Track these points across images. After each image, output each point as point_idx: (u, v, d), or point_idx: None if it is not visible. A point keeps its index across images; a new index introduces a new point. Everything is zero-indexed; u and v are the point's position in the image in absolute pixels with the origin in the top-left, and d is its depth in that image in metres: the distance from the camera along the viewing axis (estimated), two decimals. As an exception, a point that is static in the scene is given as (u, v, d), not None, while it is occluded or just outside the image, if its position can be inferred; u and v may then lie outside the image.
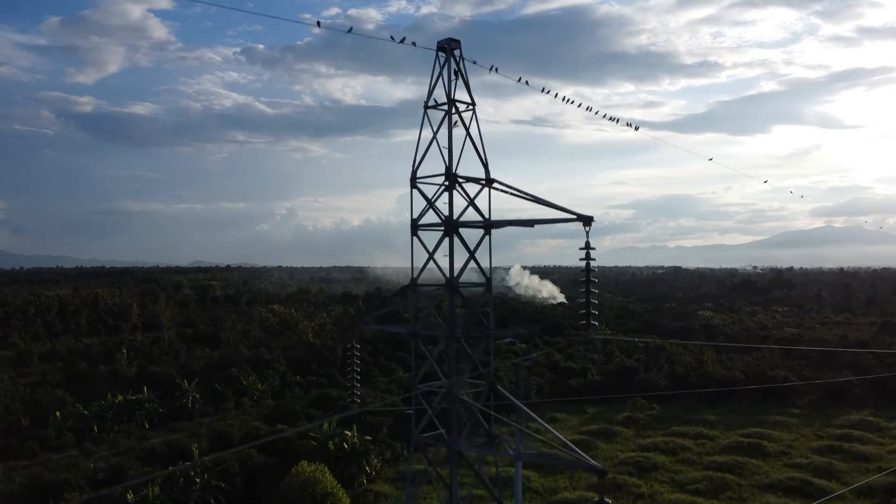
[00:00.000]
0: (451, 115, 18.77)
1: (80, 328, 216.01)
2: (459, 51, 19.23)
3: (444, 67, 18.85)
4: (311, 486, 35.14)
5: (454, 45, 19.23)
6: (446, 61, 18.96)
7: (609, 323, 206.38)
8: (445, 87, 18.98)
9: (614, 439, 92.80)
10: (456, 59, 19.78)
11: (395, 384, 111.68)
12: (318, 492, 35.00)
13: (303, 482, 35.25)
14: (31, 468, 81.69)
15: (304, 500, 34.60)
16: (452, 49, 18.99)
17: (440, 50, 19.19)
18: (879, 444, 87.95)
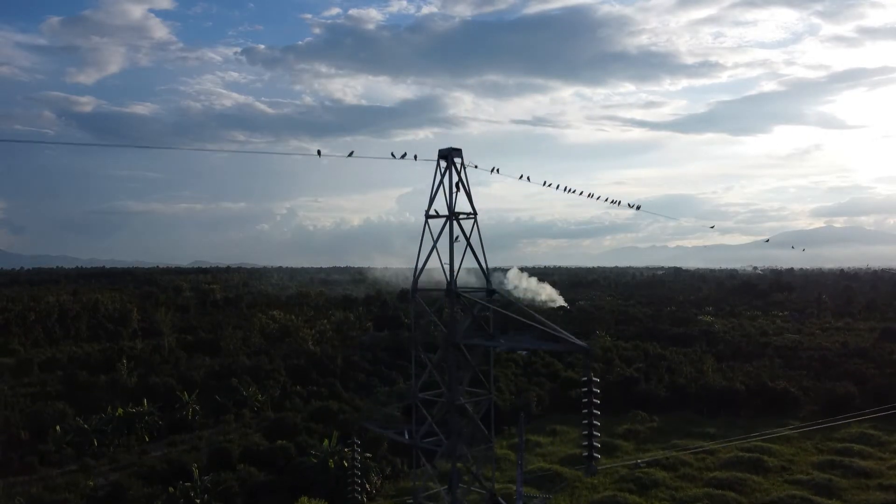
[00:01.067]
0: (451, 230, 18.77)
1: (81, 334, 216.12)
2: (461, 159, 19.26)
3: (445, 175, 18.87)
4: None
5: (455, 153, 19.29)
6: (447, 169, 18.98)
7: (609, 329, 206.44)
8: (446, 197, 19.03)
9: (614, 453, 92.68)
10: (457, 167, 19.80)
11: (395, 396, 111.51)
12: (319, 529, 35.07)
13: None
14: (31, 485, 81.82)
15: (305, 538, 34.70)
16: (454, 157, 19.04)
17: (442, 158, 19.26)
18: (880, 459, 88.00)
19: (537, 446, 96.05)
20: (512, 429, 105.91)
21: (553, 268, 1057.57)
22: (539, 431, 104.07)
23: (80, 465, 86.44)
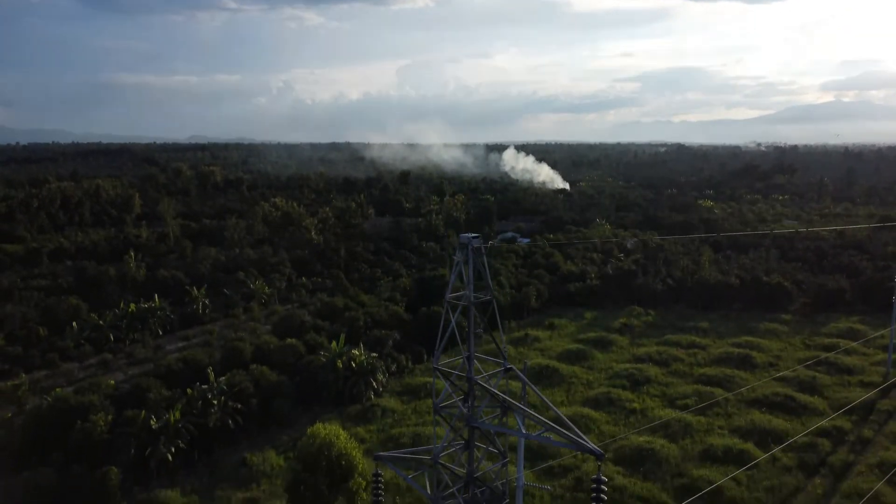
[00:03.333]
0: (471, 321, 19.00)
1: (85, 220, 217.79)
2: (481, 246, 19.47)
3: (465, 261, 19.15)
4: (326, 448, 37.75)
5: (475, 241, 19.49)
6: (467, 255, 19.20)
7: (609, 217, 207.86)
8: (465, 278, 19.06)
9: (610, 348, 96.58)
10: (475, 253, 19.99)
11: (398, 291, 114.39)
12: (334, 453, 37.64)
13: (319, 445, 37.88)
14: (54, 379, 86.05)
15: (321, 461, 37.34)
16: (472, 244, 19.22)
17: (461, 247, 19.59)
18: (864, 356, 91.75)
19: (536, 341, 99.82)
20: (513, 323, 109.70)
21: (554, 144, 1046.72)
22: (538, 326, 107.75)
23: (99, 361, 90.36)
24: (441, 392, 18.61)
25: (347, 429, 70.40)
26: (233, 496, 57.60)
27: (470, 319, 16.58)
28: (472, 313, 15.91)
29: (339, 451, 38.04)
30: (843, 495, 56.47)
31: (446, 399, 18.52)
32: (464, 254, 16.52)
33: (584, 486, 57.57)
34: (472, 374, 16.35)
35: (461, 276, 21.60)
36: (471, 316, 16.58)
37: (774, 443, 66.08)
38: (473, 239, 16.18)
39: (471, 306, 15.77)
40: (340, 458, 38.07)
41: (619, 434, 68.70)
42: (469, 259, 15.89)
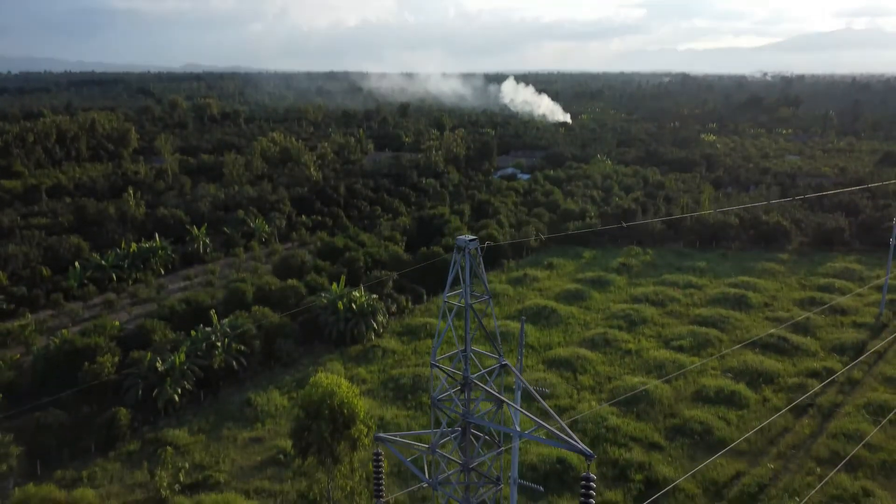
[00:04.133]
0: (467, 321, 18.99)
1: (81, 154, 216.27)
2: (477, 249, 19.41)
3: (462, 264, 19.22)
4: (329, 397, 38.84)
5: (471, 244, 19.41)
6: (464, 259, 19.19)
7: (610, 152, 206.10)
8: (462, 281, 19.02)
9: (607, 288, 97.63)
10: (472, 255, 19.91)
11: (398, 230, 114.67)
12: (336, 402, 38.75)
13: (321, 394, 38.96)
14: (59, 319, 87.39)
15: (323, 409, 38.47)
16: (469, 248, 19.17)
17: (458, 249, 19.52)
18: (858, 296, 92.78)
19: (535, 281, 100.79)
20: (511, 262, 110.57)
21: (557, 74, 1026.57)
22: (537, 265, 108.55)
23: (103, 301, 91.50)
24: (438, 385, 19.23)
25: (349, 369, 72.36)
26: (238, 435, 59.47)
27: (466, 321, 16.92)
28: (468, 315, 16.25)
29: (341, 400, 39.17)
30: (829, 435, 58.25)
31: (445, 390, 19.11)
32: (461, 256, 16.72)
33: (578, 426, 59.36)
34: (468, 374, 16.82)
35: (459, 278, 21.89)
36: (467, 317, 16.91)
37: (766, 384, 67.93)
38: (470, 242, 16.41)
39: (467, 308, 16.10)
40: (342, 406, 39.24)
41: (614, 374, 70.39)
42: (466, 261, 16.12)
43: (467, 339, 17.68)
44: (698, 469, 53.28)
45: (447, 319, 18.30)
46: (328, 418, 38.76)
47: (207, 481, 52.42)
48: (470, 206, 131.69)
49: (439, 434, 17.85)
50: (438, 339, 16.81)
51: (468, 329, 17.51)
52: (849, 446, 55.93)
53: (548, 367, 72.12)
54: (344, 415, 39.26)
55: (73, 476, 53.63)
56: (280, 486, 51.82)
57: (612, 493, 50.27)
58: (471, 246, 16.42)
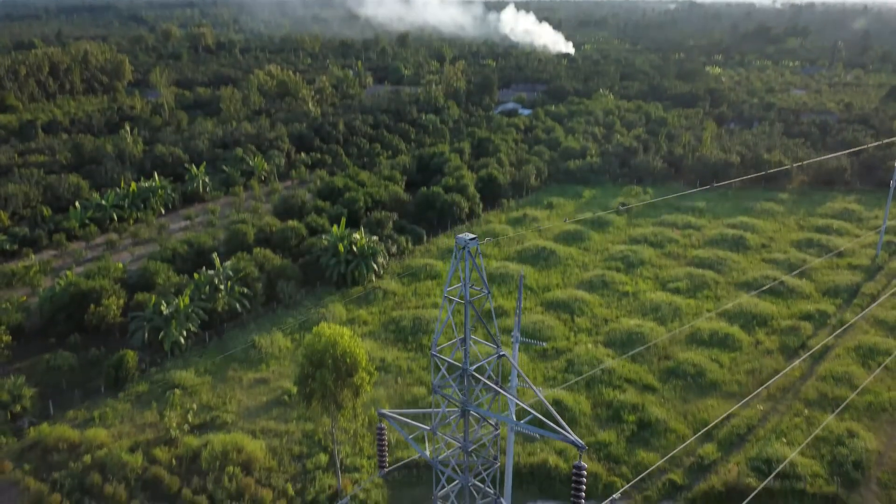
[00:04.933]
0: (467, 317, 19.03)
1: (75, 87, 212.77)
2: (476, 247, 19.32)
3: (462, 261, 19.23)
4: (332, 347, 39.84)
5: (471, 243, 19.28)
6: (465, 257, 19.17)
7: (613, 86, 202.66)
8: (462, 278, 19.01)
9: (606, 229, 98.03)
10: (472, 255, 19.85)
11: (398, 169, 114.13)
12: (339, 352, 39.77)
13: (324, 344, 39.93)
14: (62, 259, 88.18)
15: (327, 359, 39.52)
16: (469, 247, 19.11)
17: (459, 248, 19.41)
18: (855, 237, 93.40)
19: (534, 221, 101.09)
20: (511, 202, 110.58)
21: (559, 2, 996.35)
22: (537, 205, 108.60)
23: (105, 241, 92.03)
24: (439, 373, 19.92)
25: (350, 311, 73.57)
26: (244, 376, 61.08)
27: (465, 315, 17.31)
28: (468, 311, 16.61)
29: (344, 350, 40.14)
30: (819, 377, 59.83)
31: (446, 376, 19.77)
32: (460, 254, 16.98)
33: (574, 368, 60.91)
34: (467, 366, 17.36)
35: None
36: (466, 313, 17.30)
37: (759, 326, 69.26)
38: (470, 241, 16.65)
39: (466, 304, 16.45)
40: (345, 355, 40.24)
41: (611, 317, 71.64)
42: (466, 260, 16.41)
43: (466, 332, 18.21)
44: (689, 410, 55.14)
45: (447, 312, 18.83)
46: (331, 367, 39.85)
47: (215, 421, 54.23)
48: (470, 143, 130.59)
49: (439, 417, 18.61)
50: (438, 332, 17.33)
51: (467, 324, 18.01)
52: (837, 389, 57.63)
53: (546, 310, 73.29)
54: (346, 363, 40.33)
55: (85, 416, 55.40)
56: (286, 426, 53.66)
57: (606, 434, 52.06)
58: (470, 245, 16.77)
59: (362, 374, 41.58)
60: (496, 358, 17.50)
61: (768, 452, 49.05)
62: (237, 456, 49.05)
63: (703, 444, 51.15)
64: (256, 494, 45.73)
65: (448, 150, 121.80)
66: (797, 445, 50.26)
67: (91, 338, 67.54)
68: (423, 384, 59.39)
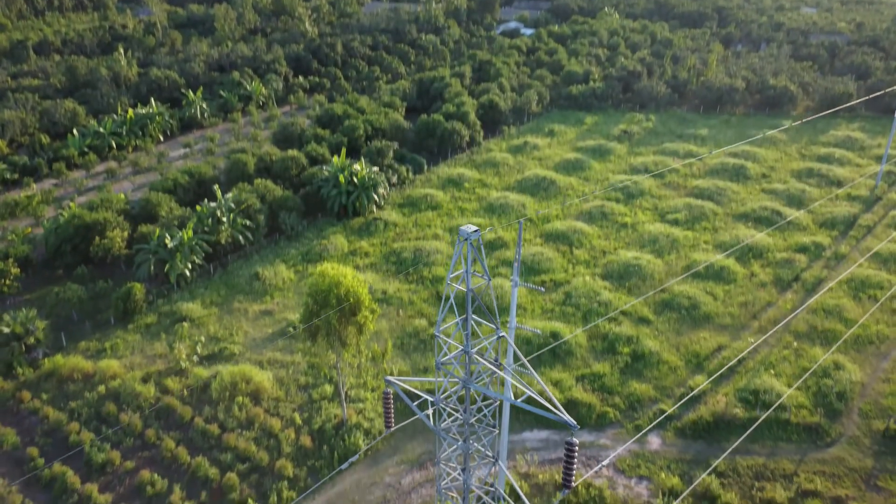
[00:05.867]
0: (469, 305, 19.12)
1: (64, 4, 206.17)
2: (478, 238, 19.31)
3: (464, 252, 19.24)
4: (335, 287, 40.78)
5: (473, 235, 19.25)
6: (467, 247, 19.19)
7: (618, 4, 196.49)
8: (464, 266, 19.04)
9: (608, 157, 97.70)
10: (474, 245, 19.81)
11: (398, 95, 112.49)
12: (342, 291, 40.76)
13: (328, 284, 40.86)
14: (63, 189, 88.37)
15: (331, 298, 40.58)
16: (471, 239, 19.12)
17: (462, 239, 19.41)
18: (856, 167, 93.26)
19: (535, 149, 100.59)
20: (512, 129, 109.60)
21: None
22: (537, 132, 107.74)
23: (105, 170, 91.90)
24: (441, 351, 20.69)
25: (352, 242, 74.49)
26: (249, 308, 62.63)
27: (468, 302, 17.83)
28: (470, 300, 17.12)
29: (347, 290, 41.18)
30: (810, 310, 61.34)
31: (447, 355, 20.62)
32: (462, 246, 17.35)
33: (572, 301, 62.35)
34: (469, 347, 18.06)
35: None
36: (468, 300, 17.81)
37: (755, 258, 70.32)
38: (472, 234, 17.00)
39: (468, 292, 16.94)
40: (348, 295, 41.31)
41: (609, 249, 72.60)
42: (468, 251, 16.80)
43: (468, 316, 18.92)
44: (681, 342, 56.90)
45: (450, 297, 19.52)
46: (335, 306, 41.01)
47: (223, 353, 56.08)
48: (471, 67, 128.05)
49: (442, 391, 19.60)
50: (442, 313, 18.05)
51: (469, 309, 18.68)
52: (827, 322, 59.22)
53: (545, 241, 74.17)
54: (350, 302, 41.46)
55: (97, 347, 57.21)
56: (291, 357, 55.54)
57: (601, 366, 53.92)
58: (472, 237, 17.26)
59: (365, 312, 42.81)
60: (496, 339, 18.34)
61: (756, 384, 50.99)
62: (245, 386, 51.09)
63: (694, 376, 53.11)
64: (266, 423, 47.94)
65: (448, 75, 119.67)
66: (785, 377, 52.25)
67: (97, 269, 68.79)
68: (424, 316, 60.98)
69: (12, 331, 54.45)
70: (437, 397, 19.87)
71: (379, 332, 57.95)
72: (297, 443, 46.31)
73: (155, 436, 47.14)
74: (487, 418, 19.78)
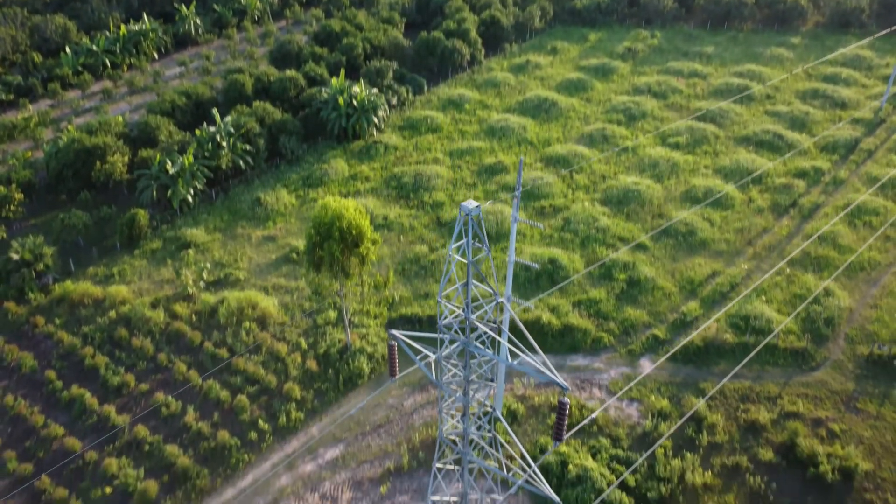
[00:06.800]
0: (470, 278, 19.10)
1: None
2: (479, 214, 19.22)
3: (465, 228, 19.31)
4: (338, 219, 41.37)
5: (474, 211, 19.16)
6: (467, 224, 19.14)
7: None
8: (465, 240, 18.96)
9: (610, 77, 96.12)
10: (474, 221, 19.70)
11: (397, 10, 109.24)
12: (345, 224, 41.38)
13: (331, 217, 41.47)
14: (60, 110, 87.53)
15: (333, 231, 41.26)
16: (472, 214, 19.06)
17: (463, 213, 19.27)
18: (862, 88, 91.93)
19: (537, 68, 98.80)
20: (514, 46, 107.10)
21: None
22: (540, 50, 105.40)
23: (101, 90, 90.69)
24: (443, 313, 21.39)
25: (352, 166, 74.59)
26: (252, 234, 63.56)
27: (468, 273, 18.26)
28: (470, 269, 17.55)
29: (349, 222, 41.89)
30: (805, 236, 62.26)
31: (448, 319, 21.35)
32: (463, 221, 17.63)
33: (570, 227, 63.19)
34: (469, 314, 18.68)
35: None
36: (469, 271, 18.24)
37: (754, 183, 70.63)
38: (473, 209, 17.29)
39: (469, 264, 17.35)
40: (351, 227, 42.08)
41: (609, 173, 72.74)
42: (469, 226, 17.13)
43: (469, 285, 19.58)
44: (677, 269, 58.14)
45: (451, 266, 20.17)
46: (338, 238, 41.86)
47: (228, 278, 57.44)
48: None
49: (444, 348, 20.57)
50: (443, 280, 18.73)
51: (470, 279, 19.31)
52: (821, 248, 60.25)
53: (545, 165, 74.25)
54: (352, 234, 42.29)
55: (105, 273, 58.52)
56: (295, 283, 56.94)
57: (597, 292, 55.33)
58: (473, 212, 17.68)
59: (367, 243, 43.72)
60: (495, 304, 19.17)
61: (747, 310, 52.55)
62: (252, 312, 52.73)
63: (688, 302, 54.63)
64: (272, 348, 49.81)
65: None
66: (776, 303, 53.78)
67: (100, 195, 69.32)
68: (425, 242, 61.97)
69: (21, 257, 55.58)
70: (439, 356, 20.98)
71: (381, 257, 59.08)
72: (303, 366, 48.30)
73: (167, 359, 49.10)
74: (487, 373, 20.97)
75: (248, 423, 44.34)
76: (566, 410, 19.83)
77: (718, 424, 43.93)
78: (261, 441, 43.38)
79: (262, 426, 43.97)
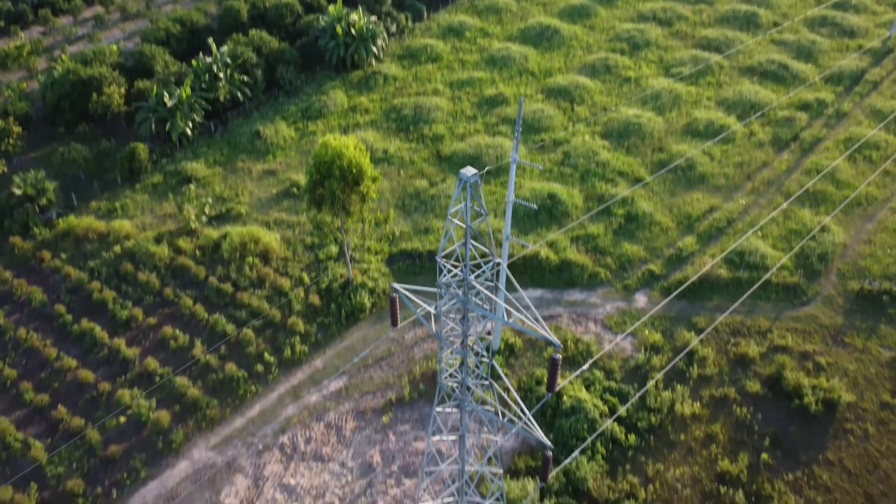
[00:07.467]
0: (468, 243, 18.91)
1: None
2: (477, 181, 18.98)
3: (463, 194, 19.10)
4: (338, 158, 41.45)
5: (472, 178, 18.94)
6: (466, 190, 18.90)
7: None
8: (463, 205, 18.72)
9: (615, 2, 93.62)
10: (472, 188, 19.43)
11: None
12: (345, 162, 41.49)
13: (331, 155, 41.52)
14: (52, 37, 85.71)
15: (334, 170, 41.42)
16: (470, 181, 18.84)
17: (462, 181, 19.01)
18: (872, 15, 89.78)
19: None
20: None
21: None
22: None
23: (93, 16, 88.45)
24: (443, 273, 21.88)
25: (351, 98, 73.80)
26: (253, 167, 63.60)
27: (466, 237, 18.46)
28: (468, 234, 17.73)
29: (349, 161, 42.07)
30: (804, 171, 62.40)
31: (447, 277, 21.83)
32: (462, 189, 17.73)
33: (570, 162, 63.20)
34: (468, 275, 19.04)
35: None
36: (467, 235, 18.44)
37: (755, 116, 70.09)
38: (472, 177, 17.38)
39: (468, 229, 17.51)
40: (351, 166, 42.29)
41: (610, 105, 72.04)
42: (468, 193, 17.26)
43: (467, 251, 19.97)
44: (675, 204, 58.56)
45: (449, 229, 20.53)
46: (338, 177, 42.15)
47: (230, 213, 57.95)
48: None
49: (444, 303, 21.21)
50: (442, 241, 19.12)
51: (468, 242, 19.66)
52: (819, 183, 60.48)
53: (546, 97, 73.45)
54: (353, 173, 42.57)
55: (108, 207, 58.94)
56: (297, 217, 57.49)
57: (595, 227, 55.97)
58: (471, 180, 17.88)
59: (368, 181, 44.06)
60: (493, 264, 19.70)
61: (742, 245, 53.36)
62: (255, 247, 53.52)
63: (684, 237, 55.36)
64: (276, 282, 50.86)
65: None
66: (771, 238, 54.53)
67: (98, 127, 68.88)
68: (425, 176, 62.12)
69: (24, 192, 55.92)
70: (438, 310, 21.80)
71: (381, 192, 59.42)
72: (306, 301, 49.47)
73: (173, 294, 50.24)
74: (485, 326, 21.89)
75: (254, 355, 45.86)
76: (558, 367, 20.86)
77: (709, 357, 45.47)
78: (267, 373, 45.00)
79: (268, 359, 45.50)
